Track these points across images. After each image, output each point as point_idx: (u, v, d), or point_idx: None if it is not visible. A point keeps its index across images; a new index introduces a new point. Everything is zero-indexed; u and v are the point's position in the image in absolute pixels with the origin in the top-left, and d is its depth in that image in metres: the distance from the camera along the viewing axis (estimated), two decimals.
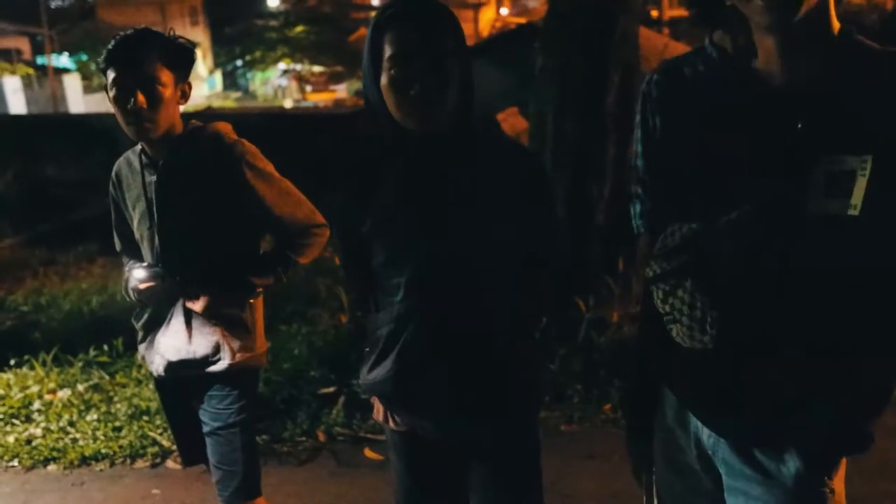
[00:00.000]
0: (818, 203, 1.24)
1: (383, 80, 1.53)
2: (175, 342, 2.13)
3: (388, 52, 1.51)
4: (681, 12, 25.02)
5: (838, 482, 1.36)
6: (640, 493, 1.66)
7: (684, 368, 1.47)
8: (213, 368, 2.15)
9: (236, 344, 2.16)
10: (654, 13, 20.06)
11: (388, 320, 1.66)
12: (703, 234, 1.32)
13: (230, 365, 2.14)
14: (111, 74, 2.00)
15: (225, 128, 2.16)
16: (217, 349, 2.13)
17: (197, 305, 2.06)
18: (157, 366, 2.18)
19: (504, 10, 36.11)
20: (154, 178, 2.09)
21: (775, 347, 1.33)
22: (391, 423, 1.82)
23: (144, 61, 1.98)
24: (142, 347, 2.24)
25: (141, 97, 1.97)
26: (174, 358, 2.14)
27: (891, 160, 1.20)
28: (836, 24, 1.27)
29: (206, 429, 2.22)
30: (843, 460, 1.37)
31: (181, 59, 2.06)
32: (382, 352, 1.68)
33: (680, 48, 9.67)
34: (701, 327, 1.32)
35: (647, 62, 5.90)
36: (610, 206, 4.86)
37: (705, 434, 1.44)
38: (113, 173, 2.24)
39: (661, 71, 1.45)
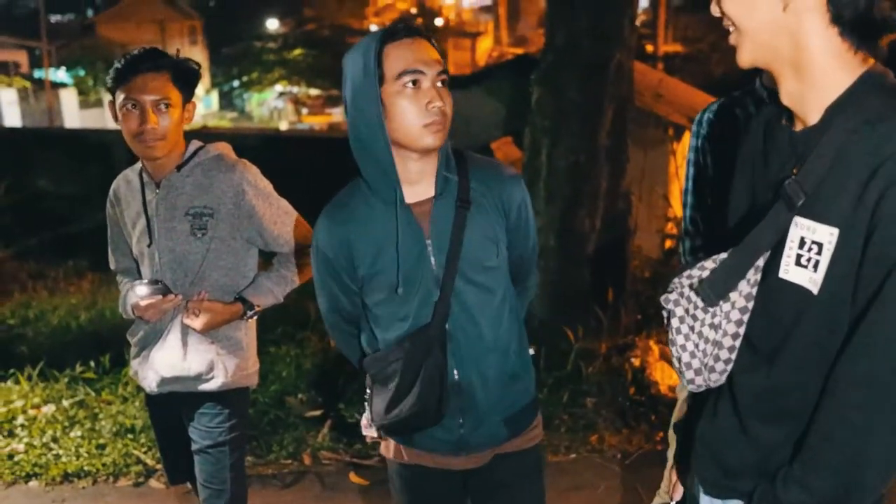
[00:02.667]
0: (787, 269, 1.14)
1: (393, 93, 1.52)
2: (170, 358, 2.13)
3: (400, 66, 1.51)
4: (675, 48, 25.34)
5: None
6: None
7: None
8: (205, 386, 2.15)
9: (231, 363, 2.16)
10: (650, 48, 20.32)
11: (399, 355, 1.61)
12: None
13: (223, 383, 2.15)
14: (120, 95, 2.00)
15: (226, 148, 2.19)
16: (211, 367, 2.14)
17: (195, 323, 2.07)
18: (149, 381, 2.18)
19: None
20: (155, 195, 2.11)
21: (737, 411, 1.29)
22: (403, 457, 1.77)
23: (154, 81, 1.99)
24: (135, 363, 2.24)
25: (152, 118, 1.99)
26: (168, 374, 2.14)
27: (853, 242, 1.07)
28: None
29: (195, 447, 2.21)
30: None
31: (189, 79, 2.08)
32: (400, 387, 1.61)
33: (674, 83, 9.78)
34: (678, 368, 1.31)
35: (641, 97, 5.98)
36: (601, 237, 4.90)
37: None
38: (111, 191, 2.24)
39: (714, 110, 1.43)
